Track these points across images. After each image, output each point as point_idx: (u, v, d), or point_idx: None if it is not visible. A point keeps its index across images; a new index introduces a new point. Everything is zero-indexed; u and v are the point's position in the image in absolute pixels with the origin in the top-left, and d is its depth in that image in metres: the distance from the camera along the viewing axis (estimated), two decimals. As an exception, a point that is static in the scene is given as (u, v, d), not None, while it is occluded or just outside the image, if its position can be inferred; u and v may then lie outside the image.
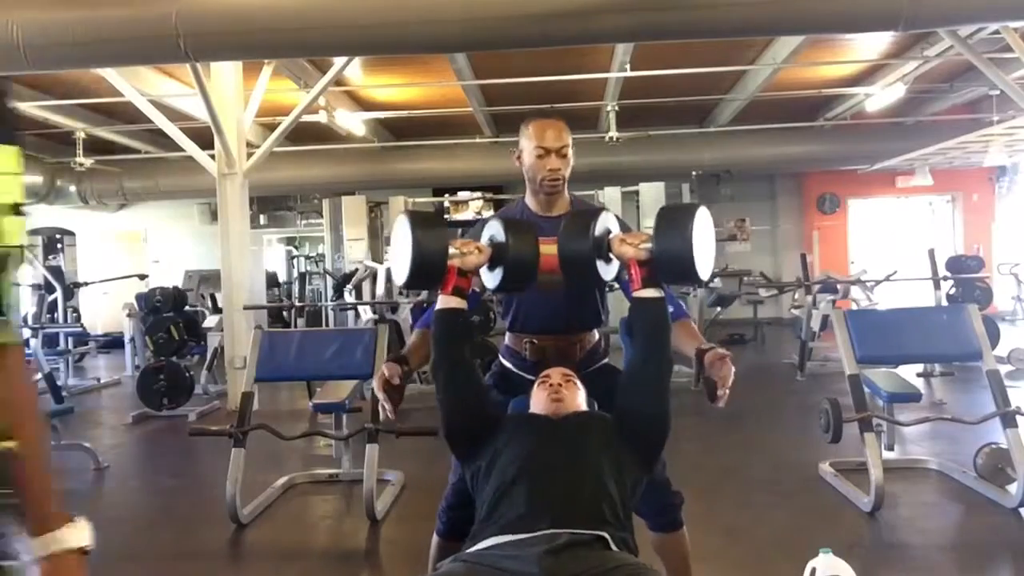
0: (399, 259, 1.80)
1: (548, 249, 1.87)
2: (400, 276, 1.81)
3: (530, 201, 2.17)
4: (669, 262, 1.72)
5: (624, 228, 1.96)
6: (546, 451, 1.72)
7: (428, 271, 1.78)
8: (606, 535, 1.55)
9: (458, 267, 1.79)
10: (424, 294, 8.17)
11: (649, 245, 1.73)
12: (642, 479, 1.79)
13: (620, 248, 1.76)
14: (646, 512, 2.08)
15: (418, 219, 1.78)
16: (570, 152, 2.08)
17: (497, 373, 2.24)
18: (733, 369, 1.81)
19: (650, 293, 1.75)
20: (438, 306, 1.81)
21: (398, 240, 1.80)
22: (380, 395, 1.89)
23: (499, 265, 1.86)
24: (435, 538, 2.12)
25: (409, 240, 1.74)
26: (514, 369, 2.20)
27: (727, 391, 1.78)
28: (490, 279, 1.91)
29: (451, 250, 1.78)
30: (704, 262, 1.70)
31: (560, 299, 2.05)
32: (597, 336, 2.23)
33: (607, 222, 1.85)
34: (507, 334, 2.23)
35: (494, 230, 1.89)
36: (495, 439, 1.78)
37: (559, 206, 2.14)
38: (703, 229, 1.70)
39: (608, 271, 1.86)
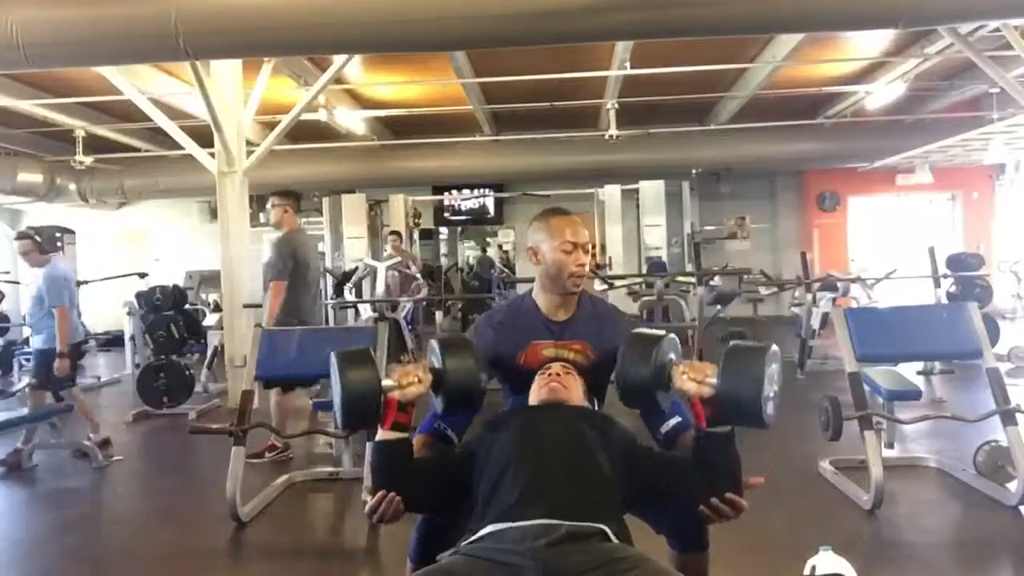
0: (336, 399, 1.68)
1: (549, 352, 1.93)
2: (337, 417, 1.72)
3: (539, 298, 2.06)
4: (734, 406, 1.63)
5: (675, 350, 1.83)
6: (543, 437, 1.71)
7: (362, 413, 1.67)
8: (606, 528, 1.53)
9: (398, 400, 1.68)
10: (423, 292, 8.21)
11: (713, 381, 1.63)
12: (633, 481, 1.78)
13: (683, 383, 1.67)
14: (674, 529, 1.91)
15: (346, 359, 1.67)
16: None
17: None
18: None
19: (719, 430, 1.67)
20: (377, 438, 1.72)
21: (333, 380, 1.69)
22: (373, 507, 1.67)
23: (440, 390, 1.77)
24: (408, 564, 1.93)
25: (339, 383, 1.64)
26: None
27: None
28: (438, 403, 1.82)
29: (388, 382, 1.67)
30: (771, 407, 1.62)
31: None
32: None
33: (669, 349, 1.76)
34: None
35: (433, 353, 1.81)
36: (489, 437, 1.77)
37: (568, 308, 2.05)
38: (773, 373, 1.62)
39: (665, 400, 1.80)
